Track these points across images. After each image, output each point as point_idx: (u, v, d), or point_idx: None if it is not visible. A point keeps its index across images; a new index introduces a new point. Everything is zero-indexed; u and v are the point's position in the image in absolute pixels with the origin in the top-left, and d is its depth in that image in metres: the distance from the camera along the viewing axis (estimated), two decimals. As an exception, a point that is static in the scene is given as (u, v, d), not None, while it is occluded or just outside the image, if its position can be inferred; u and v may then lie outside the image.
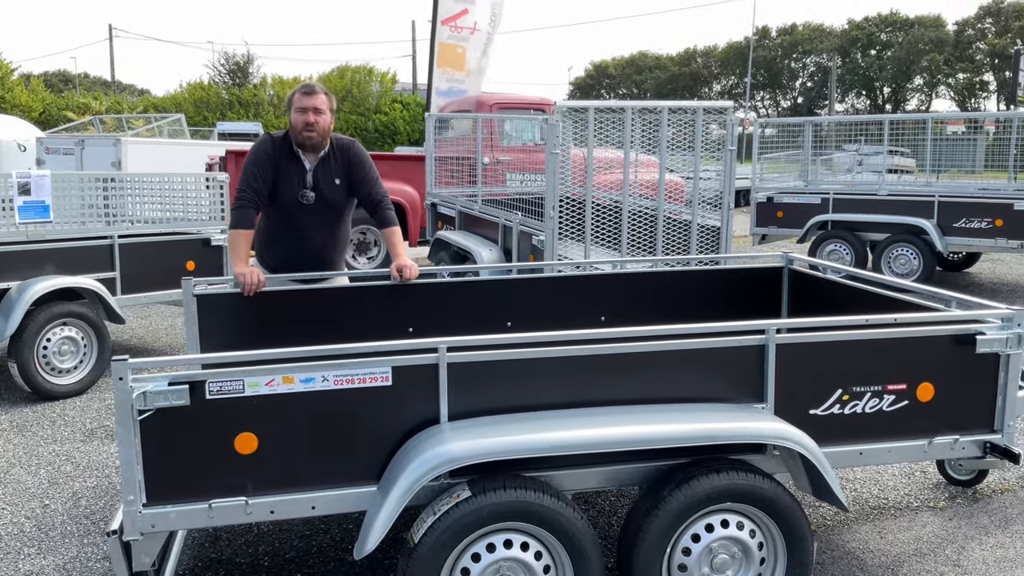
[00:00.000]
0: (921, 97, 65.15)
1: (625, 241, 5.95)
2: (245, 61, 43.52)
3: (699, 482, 2.81)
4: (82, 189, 6.15)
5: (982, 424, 3.25)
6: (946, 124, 12.32)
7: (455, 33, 14.47)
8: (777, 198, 10.62)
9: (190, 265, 6.51)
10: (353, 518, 3.81)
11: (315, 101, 4.03)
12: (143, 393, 2.55)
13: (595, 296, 4.48)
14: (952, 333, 3.15)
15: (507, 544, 2.71)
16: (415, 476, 2.60)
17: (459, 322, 4.25)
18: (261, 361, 2.71)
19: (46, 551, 3.61)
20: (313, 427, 2.71)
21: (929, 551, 3.58)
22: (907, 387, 3.14)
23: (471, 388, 2.81)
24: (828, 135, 11.82)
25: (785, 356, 3.00)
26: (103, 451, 4.77)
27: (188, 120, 21.89)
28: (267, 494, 2.71)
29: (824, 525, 3.81)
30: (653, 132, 5.94)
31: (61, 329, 5.74)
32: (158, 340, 7.45)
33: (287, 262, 4.21)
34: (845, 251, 10.02)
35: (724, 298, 4.61)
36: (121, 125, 19.56)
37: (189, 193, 6.72)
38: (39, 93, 36.10)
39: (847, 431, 3.12)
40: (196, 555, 3.53)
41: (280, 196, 4.08)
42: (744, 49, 61.80)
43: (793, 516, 2.87)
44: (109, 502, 4.10)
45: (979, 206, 9.21)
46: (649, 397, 2.93)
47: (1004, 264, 11.96)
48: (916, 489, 4.20)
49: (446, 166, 8.44)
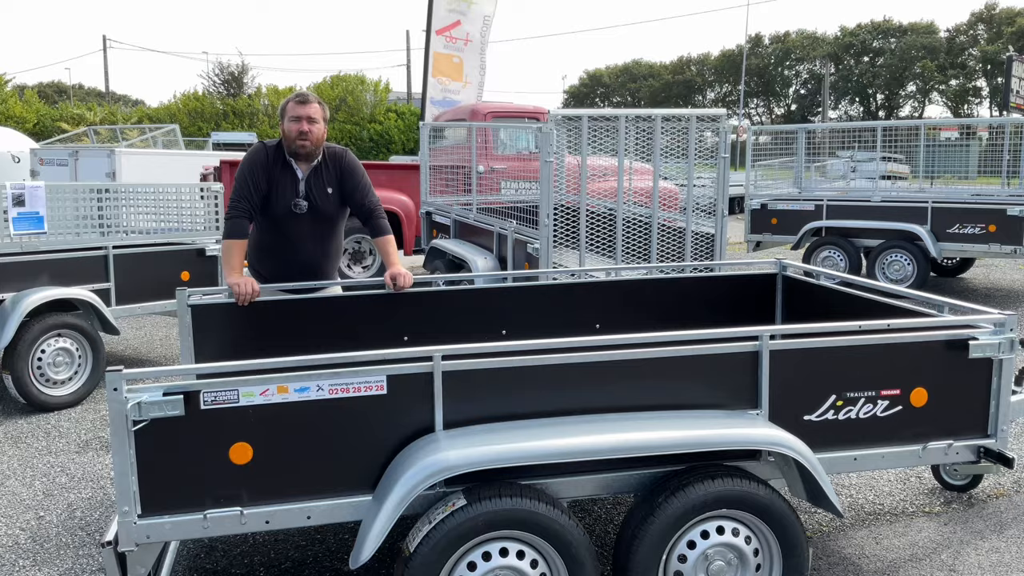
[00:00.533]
0: (914, 104, 65.43)
1: (620, 249, 5.95)
2: (240, 71, 43.64)
3: (694, 489, 2.81)
4: (76, 200, 6.15)
5: (976, 429, 3.26)
6: (939, 130, 12.36)
7: (450, 43, 14.51)
8: (771, 205, 10.64)
9: (185, 275, 6.50)
10: (349, 528, 3.81)
11: (309, 110, 4.03)
12: (138, 404, 2.55)
13: (590, 304, 4.49)
14: (945, 338, 3.17)
15: (503, 552, 2.71)
16: (410, 485, 2.60)
17: (454, 330, 4.25)
18: (255, 371, 2.71)
19: (41, 563, 3.60)
20: (308, 437, 2.71)
21: (925, 556, 3.58)
22: (901, 392, 3.15)
23: (466, 396, 2.81)
24: (822, 142, 11.86)
25: (779, 362, 3.00)
26: (98, 462, 4.76)
27: (183, 131, 21.88)
28: (262, 504, 2.70)
29: (819, 531, 3.81)
30: (647, 140, 5.96)
31: (56, 340, 5.73)
32: (153, 351, 7.44)
33: (280, 272, 4.21)
34: (839, 257, 10.04)
35: (718, 305, 4.62)
36: (115, 136, 19.53)
37: (183, 203, 6.72)
38: (33, 104, 36.11)
39: (841, 437, 3.13)
40: (191, 566, 3.52)
41: (273, 205, 4.08)
42: (737, 57, 62.08)
43: (788, 522, 2.87)
44: (104, 513, 4.09)
45: (973, 212, 9.24)
46: (644, 404, 2.94)
47: (998, 270, 11.99)
48: (911, 494, 4.21)
49: (441, 175, 8.45)
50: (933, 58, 60.54)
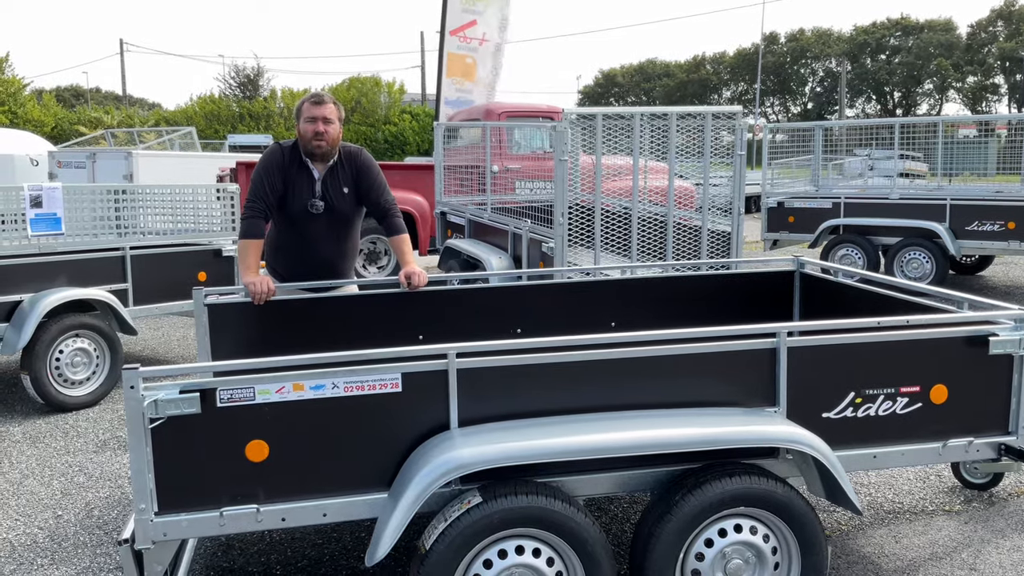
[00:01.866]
0: (931, 101, 64.97)
1: (635, 247, 5.93)
2: (255, 74, 43.80)
3: (711, 486, 2.79)
4: (94, 201, 6.18)
5: (996, 426, 3.22)
6: (957, 127, 12.27)
7: (464, 43, 14.53)
8: (788, 203, 10.59)
9: (202, 276, 6.53)
10: (365, 526, 3.81)
11: (324, 111, 4.04)
12: (154, 401, 2.56)
13: (605, 302, 4.47)
14: (965, 335, 3.13)
15: (519, 550, 2.70)
16: (426, 483, 2.59)
17: (469, 329, 4.25)
18: (271, 368, 2.71)
19: (59, 562, 3.62)
20: (323, 434, 2.71)
21: (945, 555, 3.54)
22: (920, 389, 3.12)
23: (481, 394, 2.80)
24: (839, 140, 11.80)
25: (797, 359, 2.98)
26: (116, 462, 4.78)
27: (199, 133, 22.03)
28: (278, 502, 2.70)
29: (838, 530, 3.78)
30: (662, 138, 5.94)
31: (73, 341, 5.76)
32: (170, 351, 7.48)
33: (296, 271, 4.22)
34: (857, 255, 9.98)
35: (735, 303, 4.59)
36: (133, 139, 19.68)
37: (200, 204, 6.75)
38: (51, 108, 36.37)
39: (860, 434, 3.10)
40: (208, 564, 3.53)
41: (289, 205, 4.09)
42: (753, 55, 61.79)
43: (807, 520, 2.85)
44: (121, 512, 4.10)
45: (991, 209, 9.16)
46: (660, 402, 2.92)
47: (1017, 267, 11.88)
48: (931, 493, 4.17)
49: (455, 175, 8.45)
50: (948, 56, 60.07)
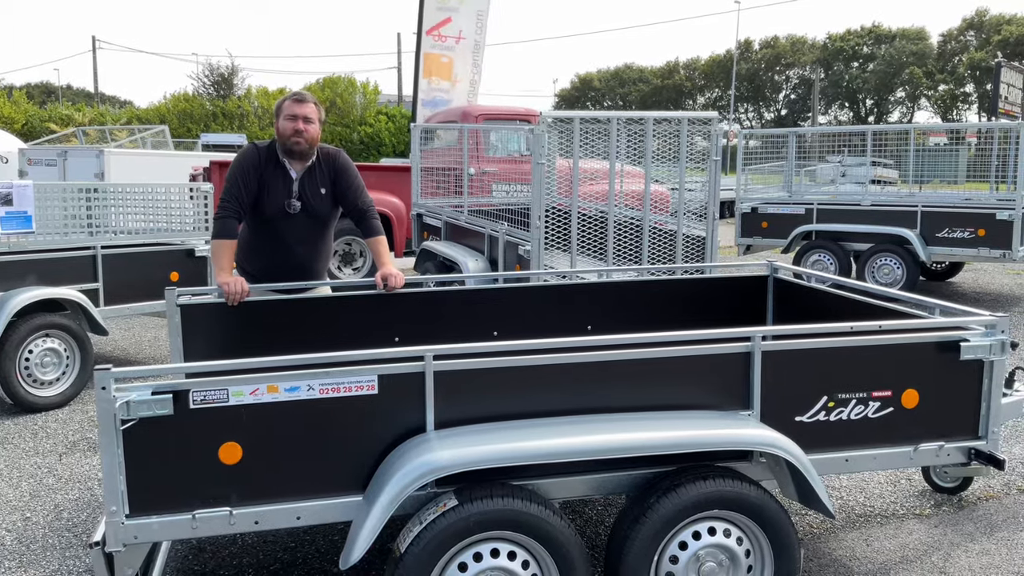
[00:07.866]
0: (903, 109, 65.74)
1: (611, 251, 5.95)
2: (229, 73, 43.54)
3: (686, 489, 2.81)
4: (65, 200, 6.11)
5: (967, 431, 3.26)
6: (928, 135, 12.42)
7: (439, 42, 14.52)
8: (761, 209, 10.67)
9: (174, 276, 6.47)
10: (339, 529, 3.79)
11: (305, 110, 4.02)
12: (126, 403, 2.53)
13: (581, 305, 4.48)
14: (936, 340, 3.17)
15: (494, 553, 2.70)
16: (401, 485, 2.58)
17: (445, 331, 4.24)
18: (245, 370, 2.69)
19: (27, 564, 3.57)
20: (298, 436, 2.69)
21: (915, 558, 3.58)
22: (892, 394, 3.15)
23: (457, 396, 2.80)
24: (811, 146, 11.90)
25: (771, 363, 3.00)
26: (85, 463, 4.72)
27: (172, 132, 21.79)
28: (251, 504, 2.68)
29: (811, 533, 3.81)
30: (638, 143, 5.96)
31: (43, 341, 5.69)
32: (141, 351, 7.40)
33: (270, 272, 4.18)
34: (829, 261, 10.07)
35: (709, 307, 4.62)
36: (104, 137, 19.45)
37: (173, 204, 6.69)
38: (21, 105, 35.95)
39: (833, 438, 3.13)
40: (180, 567, 3.50)
41: (265, 206, 4.06)
42: (727, 62, 62.30)
43: (780, 523, 2.87)
44: (91, 515, 4.05)
45: (962, 216, 9.27)
46: (635, 405, 2.93)
47: (987, 274, 12.05)
48: (902, 496, 4.21)
49: (432, 177, 8.43)
50: (921, 64, 60.84)
